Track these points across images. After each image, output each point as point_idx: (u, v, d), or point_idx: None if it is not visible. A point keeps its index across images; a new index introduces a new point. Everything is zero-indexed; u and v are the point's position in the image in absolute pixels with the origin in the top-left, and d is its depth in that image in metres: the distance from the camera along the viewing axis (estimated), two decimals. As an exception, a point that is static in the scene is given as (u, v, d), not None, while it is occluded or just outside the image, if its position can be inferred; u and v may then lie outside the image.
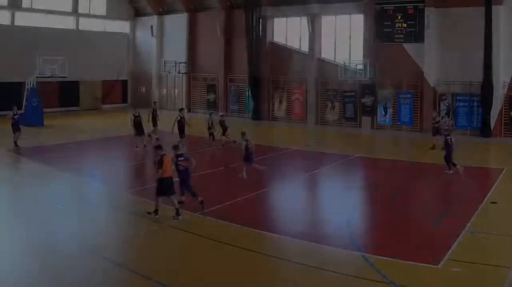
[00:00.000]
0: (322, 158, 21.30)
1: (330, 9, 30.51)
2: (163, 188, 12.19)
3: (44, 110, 31.38)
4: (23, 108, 30.09)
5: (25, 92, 30.94)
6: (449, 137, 17.00)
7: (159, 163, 12.18)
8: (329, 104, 30.69)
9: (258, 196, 14.82)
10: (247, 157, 16.53)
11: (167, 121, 23.76)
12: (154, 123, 23.68)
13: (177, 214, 12.16)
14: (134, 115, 22.10)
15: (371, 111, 28.74)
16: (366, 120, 29.12)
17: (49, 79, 32.31)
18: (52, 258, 9.91)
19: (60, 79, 33.74)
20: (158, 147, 12.72)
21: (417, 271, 9.17)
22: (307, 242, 10.78)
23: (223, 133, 22.75)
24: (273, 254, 10.18)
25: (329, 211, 13.96)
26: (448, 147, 16.95)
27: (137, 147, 21.78)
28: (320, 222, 12.91)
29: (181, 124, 21.60)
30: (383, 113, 28.41)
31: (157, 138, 22.04)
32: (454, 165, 16.79)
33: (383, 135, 27.32)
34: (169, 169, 12.29)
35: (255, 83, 33.40)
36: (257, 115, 33.33)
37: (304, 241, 10.85)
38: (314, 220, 12.99)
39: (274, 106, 33.50)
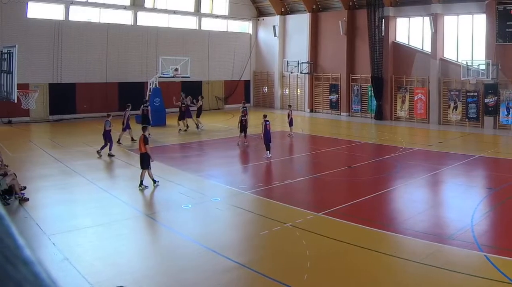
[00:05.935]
0: (445, 157, 23.91)
1: (452, 9, 35.52)
2: (143, 161, 17.20)
3: (166, 110, 35.31)
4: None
5: (148, 92, 35.14)
6: None
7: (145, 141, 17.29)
8: (452, 104, 35.63)
9: (381, 196, 16.86)
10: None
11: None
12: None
13: (154, 183, 17.24)
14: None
15: (493, 111, 33.40)
16: (488, 120, 33.83)
17: (172, 79, 36.86)
18: (177, 258, 11.32)
19: (182, 79, 38.47)
20: (143, 128, 17.96)
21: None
22: (430, 242, 12.05)
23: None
24: (396, 254, 11.37)
25: (452, 211, 15.54)
26: None
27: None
28: (442, 222, 14.34)
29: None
30: (506, 113, 32.99)
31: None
32: None
33: (505, 135, 31.35)
34: (142, 147, 17.08)
35: (377, 83, 38.98)
36: (379, 115, 38.91)
37: (427, 241, 12.12)
38: (436, 220, 14.40)
39: (396, 106, 39.03)
